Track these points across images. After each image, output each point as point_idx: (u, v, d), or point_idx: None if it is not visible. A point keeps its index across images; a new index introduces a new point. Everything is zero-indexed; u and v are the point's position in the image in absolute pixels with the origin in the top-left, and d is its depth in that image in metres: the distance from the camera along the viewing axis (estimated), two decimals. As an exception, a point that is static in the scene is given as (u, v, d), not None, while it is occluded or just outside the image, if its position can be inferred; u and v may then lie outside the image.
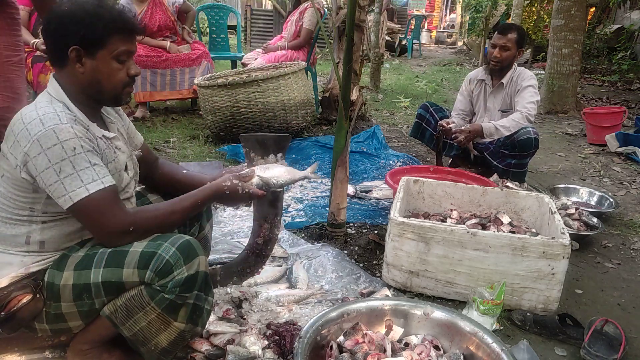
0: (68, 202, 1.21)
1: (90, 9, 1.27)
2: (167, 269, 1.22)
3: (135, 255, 1.24)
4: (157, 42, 4.49)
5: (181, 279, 1.22)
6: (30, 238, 1.29)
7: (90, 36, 1.26)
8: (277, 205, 1.68)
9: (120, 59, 1.30)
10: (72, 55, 1.26)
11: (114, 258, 1.25)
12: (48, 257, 1.30)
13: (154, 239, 1.28)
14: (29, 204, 1.27)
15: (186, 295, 1.25)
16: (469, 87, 3.32)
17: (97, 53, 1.28)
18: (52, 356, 1.48)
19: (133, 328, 1.28)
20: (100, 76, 1.30)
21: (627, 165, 4.08)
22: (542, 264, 1.84)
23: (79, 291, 1.26)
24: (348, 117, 2.29)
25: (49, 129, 1.19)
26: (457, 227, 1.91)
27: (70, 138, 1.20)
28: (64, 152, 1.19)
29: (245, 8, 11.31)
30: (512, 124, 2.98)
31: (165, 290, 1.23)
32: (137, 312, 1.26)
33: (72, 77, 1.30)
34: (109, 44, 1.28)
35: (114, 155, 1.36)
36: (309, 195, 3.03)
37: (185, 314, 1.27)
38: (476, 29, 11.36)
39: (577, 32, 5.78)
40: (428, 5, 19.80)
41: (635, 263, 2.42)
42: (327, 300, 1.87)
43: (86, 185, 1.21)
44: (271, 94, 3.79)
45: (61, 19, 1.27)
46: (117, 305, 1.27)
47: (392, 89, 7.09)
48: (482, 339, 1.46)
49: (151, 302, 1.24)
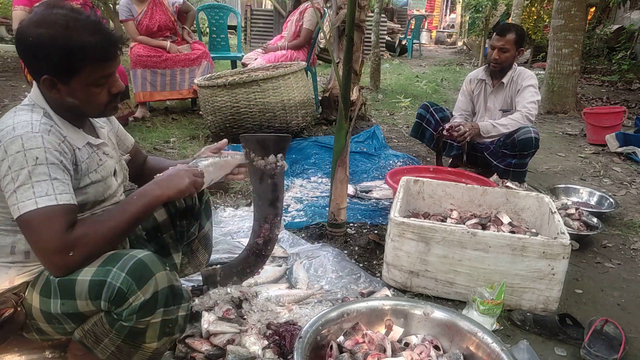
0: (16, 212, 1.12)
1: (59, 35, 1.14)
2: (121, 297, 1.14)
3: (84, 285, 1.15)
4: (157, 42, 4.49)
5: (137, 306, 1.14)
6: (15, 248, 1.24)
7: (60, 67, 1.17)
8: (277, 205, 1.68)
9: (98, 83, 1.22)
10: (45, 84, 1.19)
11: (64, 288, 1.17)
12: (32, 269, 1.26)
13: (104, 262, 1.17)
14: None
15: (147, 319, 1.17)
16: (470, 87, 3.32)
17: (71, 82, 1.19)
18: (52, 356, 1.48)
19: (105, 352, 1.23)
20: (78, 101, 1.23)
21: (627, 165, 4.08)
22: (542, 264, 1.84)
23: (47, 316, 1.21)
24: (348, 117, 2.29)
25: (17, 136, 1.14)
26: (457, 227, 1.91)
27: (36, 147, 1.14)
28: (25, 161, 1.12)
29: (245, 8, 11.33)
30: (511, 123, 2.99)
31: (122, 319, 1.16)
32: (104, 338, 1.21)
33: (49, 97, 1.24)
34: (83, 72, 1.19)
35: (100, 162, 1.31)
36: (309, 195, 3.03)
37: (154, 334, 1.21)
38: (476, 29, 11.36)
39: (577, 32, 5.78)
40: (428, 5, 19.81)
41: (635, 263, 2.42)
42: (327, 300, 1.87)
43: (36, 198, 1.12)
44: (271, 94, 3.79)
45: (29, 47, 1.17)
46: (85, 330, 1.22)
47: (392, 89, 7.08)
48: (482, 339, 1.46)
49: (112, 330, 1.18)
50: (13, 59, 7.77)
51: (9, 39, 9.82)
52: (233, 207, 2.78)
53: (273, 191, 1.62)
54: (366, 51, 6.84)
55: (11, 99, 5.12)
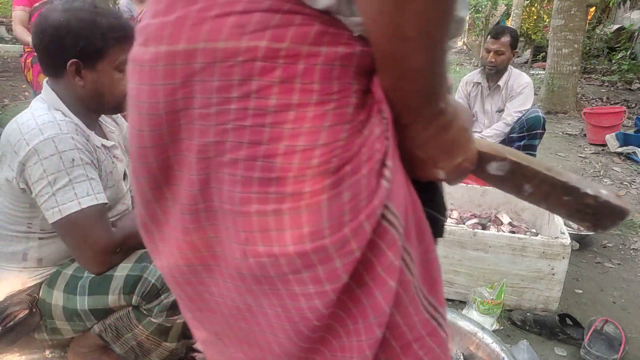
0: (56, 215, 1.13)
1: (87, 17, 1.17)
2: (154, 293, 1.18)
3: (120, 280, 1.18)
4: (157, 42, 4.49)
5: (168, 303, 1.19)
6: (28, 255, 1.25)
7: (89, 48, 1.17)
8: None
9: (121, 68, 1.21)
10: (71, 69, 1.18)
11: (99, 284, 1.20)
12: (44, 272, 1.27)
13: (139, 259, 1.22)
14: (26, 219, 1.22)
15: (174, 318, 1.22)
16: (466, 90, 3.34)
17: (97, 65, 1.20)
18: (52, 356, 1.48)
19: (124, 347, 1.26)
20: (102, 88, 1.23)
21: (627, 165, 4.08)
22: (542, 264, 1.84)
23: (69, 313, 1.22)
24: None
25: (48, 138, 1.13)
26: (457, 227, 1.91)
27: (70, 149, 1.14)
28: (62, 163, 1.12)
29: (245, 8, 11.32)
30: (496, 133, 3.08)
31: (152, 315, 1.19)
32: (127, 333, 1.23)
33: (70, 89, 1.22)
34: (109, 54, 1.19)
35: (113, 166, 1.31)
36: (309, 195, 3.03)
37: (176, 334, 1.25)
38: (476, 29, 11.38)
39: (577, 32, 5.79)
40: (428, 5, 19.79)
41: (635, 263, 2.42)
42: (327, 300, 1.87)
43: (79, 199, 1.13)
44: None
45: (56, 31, 1.16)
46: (106, 324, 1.24)
47: (392, 89, 7.08)
48: (482, 339, 1.46)
49: (139, 324, 1.21)
50: (13, 59, 7.77)
51: (9, 39, 9.84)
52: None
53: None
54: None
55: (11, 99, 5.12)
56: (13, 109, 4.39)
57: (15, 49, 8.23)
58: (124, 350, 1.26)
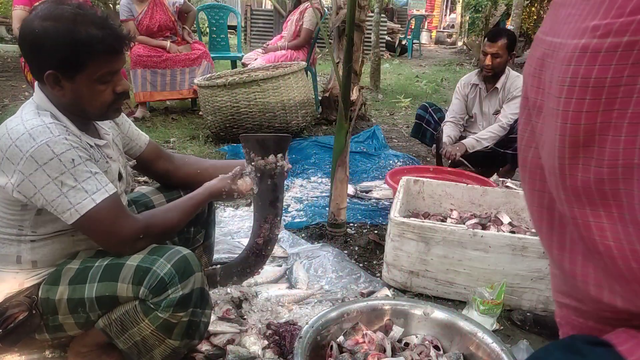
0: (74, 215, 1.15)
1: (65, 29, 1.12)
2: (161, 287, 1.18)
3: (130, 269, 1.20)
4: (157, 42, 4.49)
5: (175, 298, 1.19)
6: (21, 258, 1.25)
7: (66, 61, 1.14)
8: (277, 206, 1.67)
9: (103, 80, 1.19)
10: (49, 80, 1.16)
11: (110, 271, 1.21)
12: (42, 272, 1.27)
13: (151, 251, 1.23)
14: (17, 221, 1.22)
15: (180, 314, 1.21)
16: (464, 92, 3.34)
17: (76, 77, 1.16)
18: (52, 356, 1.48)
19: (127, 342, 1.26)
20: (82, 99, 1.20)
21: (627, 165, 4.07)
22: (542, 264, 1.84)
23: (74, 305, 1.23)
24: (348, 117, 2.29)
25: (42, 143, 1.11)
26: (457, 227, 1.91)
27: (67, 150, 1.14)
28: (63, 165, 1.13)
29: (245, 8, 11.32)
30: (492, 136, 3.10)
31: (159, 309, 1.19)
32: (132, 327, 1.23)
33: (52, 95, 1.21)
34: (89, 67, 1.16)
35: (106, 165, 1.31)
36: (309, 195, 3.03)
37: (180, 331, 1.24)
38: (476, 29, 11.38)
39: (577, 32, 5.79)
40: (428, 5, 19.80)
41: (635, 263, 2.42)
42: (327, 300, 1.87)
43: (91, 196, 1.15)
44: (271, 94, 3.79)
45: (34, 40, 1.14)
46: (111, 319, 1.24)
47: (392, 89, 7.08)
48: (482, 339, 1.46)
49: (145, 319, 1.21)
50: (13, 59, 7.77)
51: (9, 39, 9.83)
52: (233, 207, 2.78)
53: (273, 191, 1.62)
54: (366, 51, 6.84)
55: (11, 99, 5.13)
56: (13, 109, 4.39)
57: (15, 49, 8.23)
58: (127, 346, 1.26)
